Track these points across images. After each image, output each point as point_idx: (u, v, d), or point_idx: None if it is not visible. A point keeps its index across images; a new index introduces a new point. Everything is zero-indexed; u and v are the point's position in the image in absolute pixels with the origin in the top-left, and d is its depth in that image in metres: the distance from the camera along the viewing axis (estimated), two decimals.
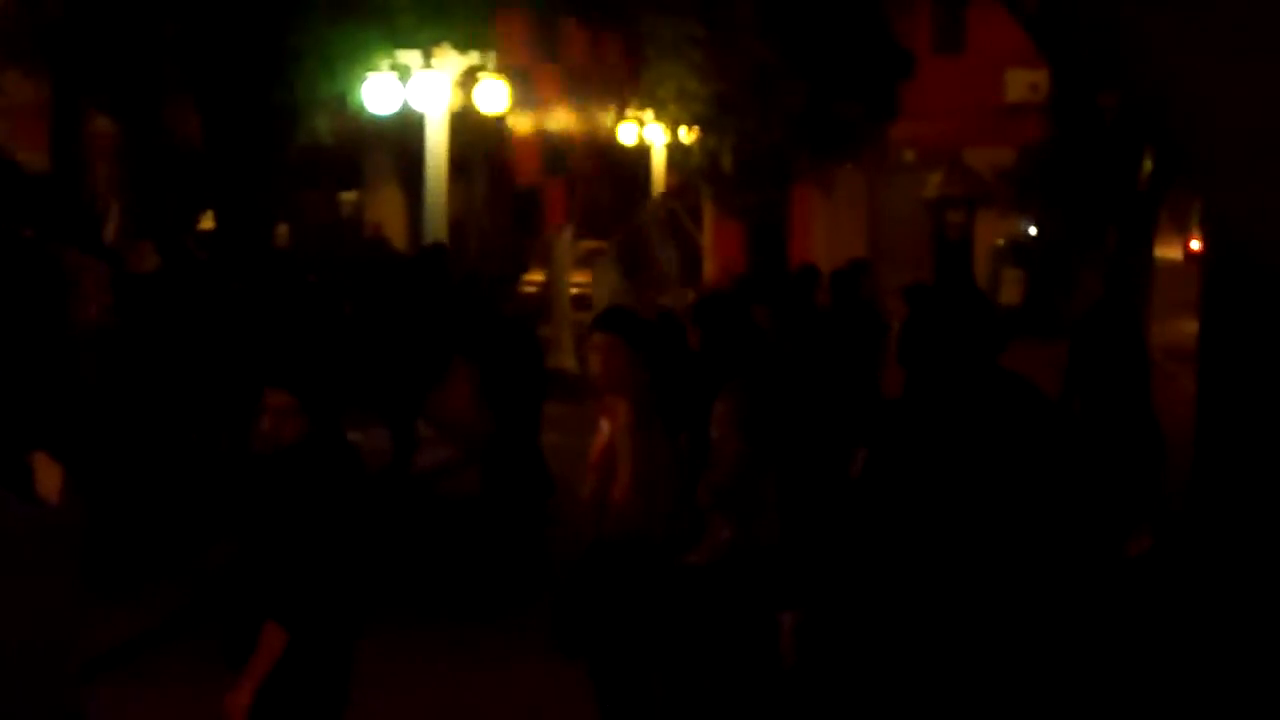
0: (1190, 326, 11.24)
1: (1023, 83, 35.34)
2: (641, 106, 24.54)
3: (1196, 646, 7.75)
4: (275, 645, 6.12)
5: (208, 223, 20.05)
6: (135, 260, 13.24)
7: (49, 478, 5.49)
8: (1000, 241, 36.19)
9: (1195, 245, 33.62)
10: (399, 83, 18.37)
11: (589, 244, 29.26)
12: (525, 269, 27.12)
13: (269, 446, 6.32)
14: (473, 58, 18.66)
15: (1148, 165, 25.07)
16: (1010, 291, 33.15)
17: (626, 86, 22.85)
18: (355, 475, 6.39)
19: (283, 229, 21.24)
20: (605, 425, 7.29)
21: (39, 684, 5.50)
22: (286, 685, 6.14)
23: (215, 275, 14.24)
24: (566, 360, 22.73)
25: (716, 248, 33.32)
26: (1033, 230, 33.95)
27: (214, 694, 6.17)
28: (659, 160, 27.74)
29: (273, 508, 6.21)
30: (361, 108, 18.75)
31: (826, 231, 36.89)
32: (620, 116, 24.33)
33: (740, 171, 27.52)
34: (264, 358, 6.66)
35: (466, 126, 20.08)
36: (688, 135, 26.57)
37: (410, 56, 18.38)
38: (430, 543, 13.17)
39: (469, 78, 18.79)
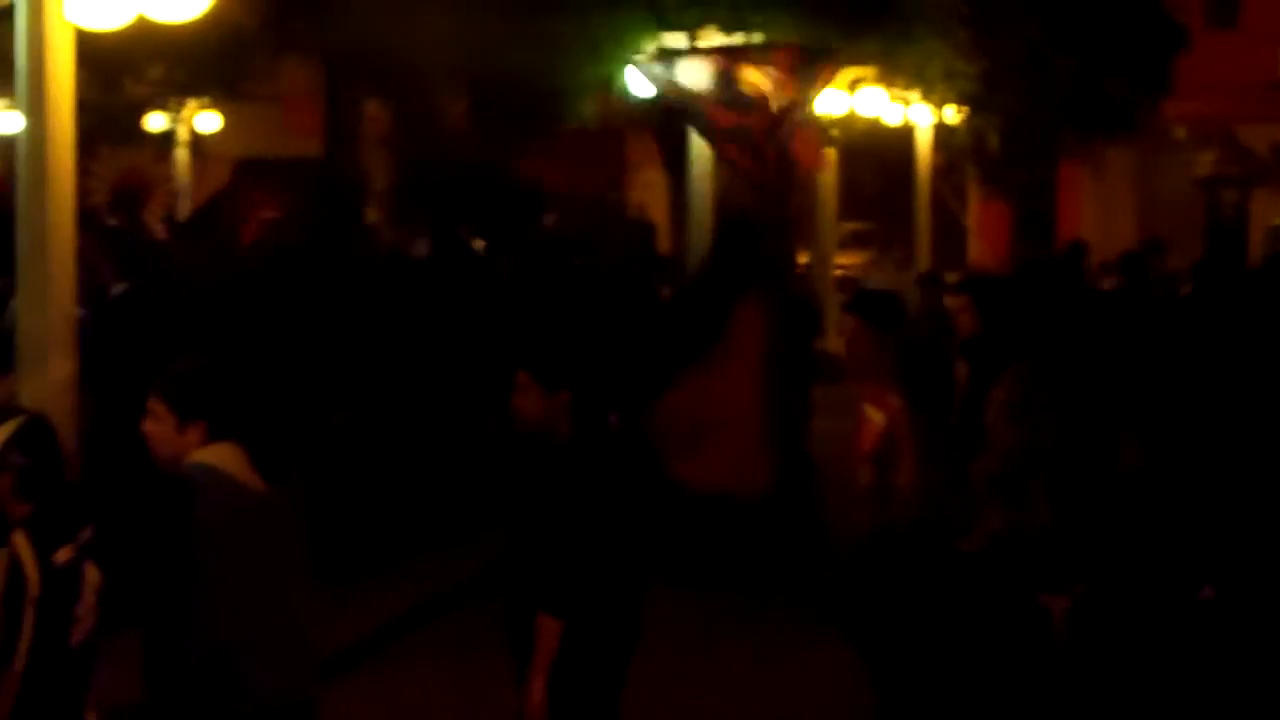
0: None
1: None
2: (907, 87, 24.31)
3: None
4: (552, 636, 6.17)
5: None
6: (406, 246, 13.45)
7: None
8: (1277, 222, 35.22)
9: None
10: (664, 66, 18.39)
11: (852, 225, 29.13)
12: (793, 250, 27.05)
13: (536, 432, 6.35)
14: (737, 39, 18.61)
15: None
16: None
17: (892, 67, 22.65)
18: (627, 463, 6.40)
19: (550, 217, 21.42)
20: (874, 413, 7.23)
21: (280, 661, 5.59)
22: (570, 672, 6.18)
23: (486, 261, 14.41)
24: (830, 343, 22.63)
25: (982, 229, 32.92)
26: None
27: (454, 686, 6.23)
28: (924, 141, 27.49)
29: (544, 496, 6.25)
30: (626, 91, 18.82)
31: (1095, 211, 36.22)
32: (885, 97, 24.13)
33: (1007, 151, 27.12)
34: (527, 342, 6.71)
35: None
36: (955, 115, 26.27)
37: (675, 39, 18.39)
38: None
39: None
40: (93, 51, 8.30)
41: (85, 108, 8.55)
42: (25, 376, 8.22)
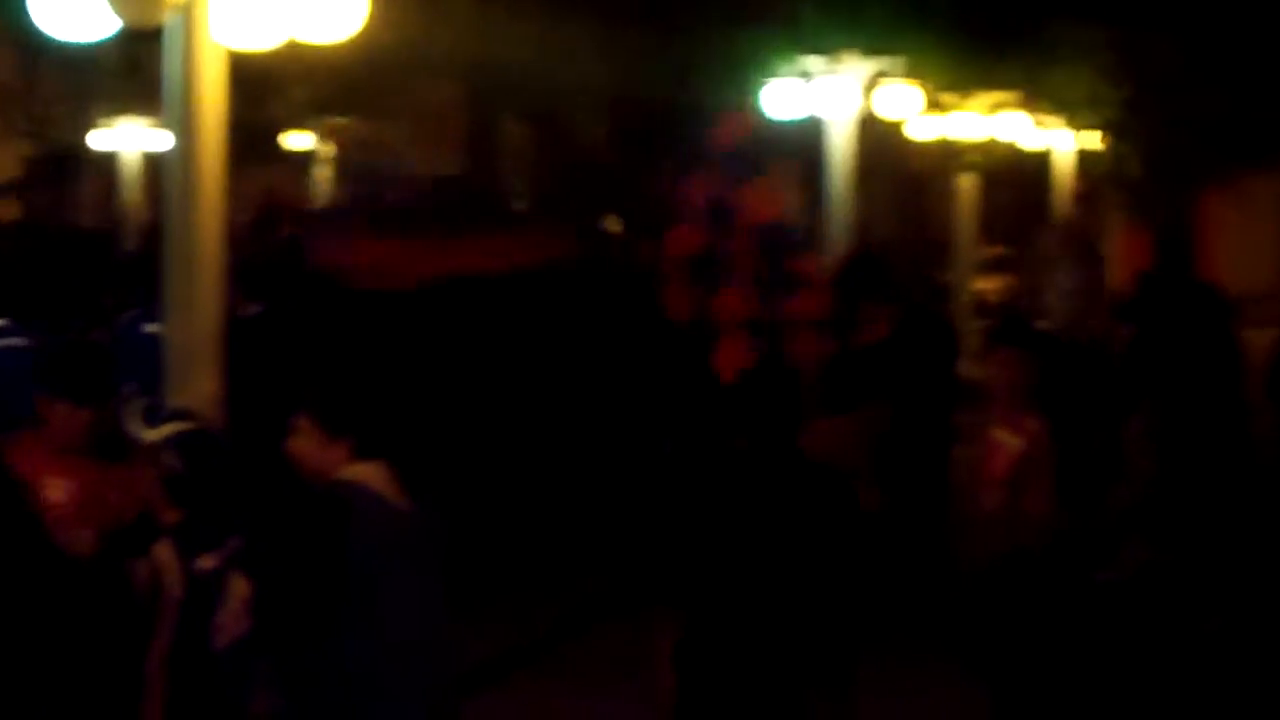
0: None
1: None
2: (1049, 111, 24.16)
3: None
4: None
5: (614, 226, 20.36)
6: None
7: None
8: None
9: None
10: (804, 88, 18.39)
11: (991, 249, 28.91)
12: (930, 268, 26.92)
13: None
14: (881, 63, 18.58)
15: None
16: None
17: (1034, 91, 22.52)
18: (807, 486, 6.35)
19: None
20: (1007, 437, 7.19)
21: (420, 683, 5.62)
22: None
23: (627, 278, 14.43)
24: (967, 367, 22.48)
25: (1122, 256, 32.58)
26: None
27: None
28: (1065, 166, 27.28)
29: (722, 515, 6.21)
30: (765, 113, 18.84)
31: (1237, 242, 35.72)
32: (1027, 121, 24.00)
33: (1148, 178, 26.87)
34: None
35: (870, 131, 19.99)
36: (1097, 141, 26.07)
37: (815, 62, 18.38)
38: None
39: (874, 82, 18.71)
40: (238, 71, 8.41)
41: (229, 126, 8.69)
42: (172, 392, 8.33)
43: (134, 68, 18.45)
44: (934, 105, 20.45)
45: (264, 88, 18.78)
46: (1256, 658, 6.57)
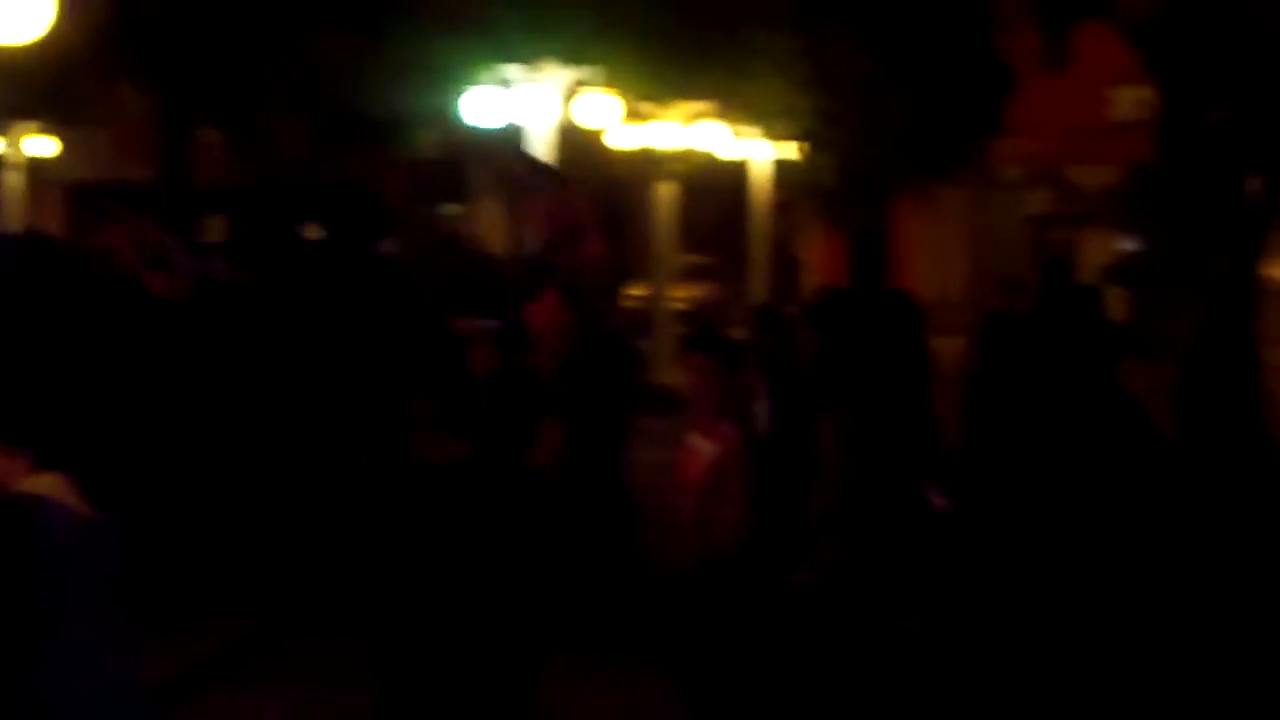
0: None
1: (1129, 100, 35.05)
2: (747, 121, 24.52)
3: None
4: None
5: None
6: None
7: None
8: (1105, 261, 35.87)
9: None
10: (502, 96, 18.40)
11: (691, 258, 29.26)
12: (627, 282, 27.13)
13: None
14: (580, 71, 18.68)
15: (1257, 185, 24.75)
16: (1115, 312, 32.81)
17: (732, 102, 22.83)
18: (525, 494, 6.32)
19: (391, 243, 21.33)
20: (703, 444, 7.25)
21: (112, 706, 5.48)
22: None
23: (315, 289, 14.28)
24: (668, 375, 22.70)
25: (818, 264, 33.21)
26: (1138, 250, 33.61)
27: None
28: (762, 176, 27.71)
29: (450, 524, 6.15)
30: (464, 120, 18.81)
31: (928, 248, 36.68)
32: (725, 132, 24.32)
33: (843, 187, 27.42)
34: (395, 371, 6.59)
35: (569, 140, 20.09)
36: (793, 151, 26.53)
37: (514, 70, 18.41)
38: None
39: (574, 91, 18.81)
40: None
41: None
42: None
43: None
44: (633, 114, 20.61)
45: None
46: (949, 657, 6.71)
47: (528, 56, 18.32)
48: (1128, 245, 35.09)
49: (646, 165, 24.36)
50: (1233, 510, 10.26)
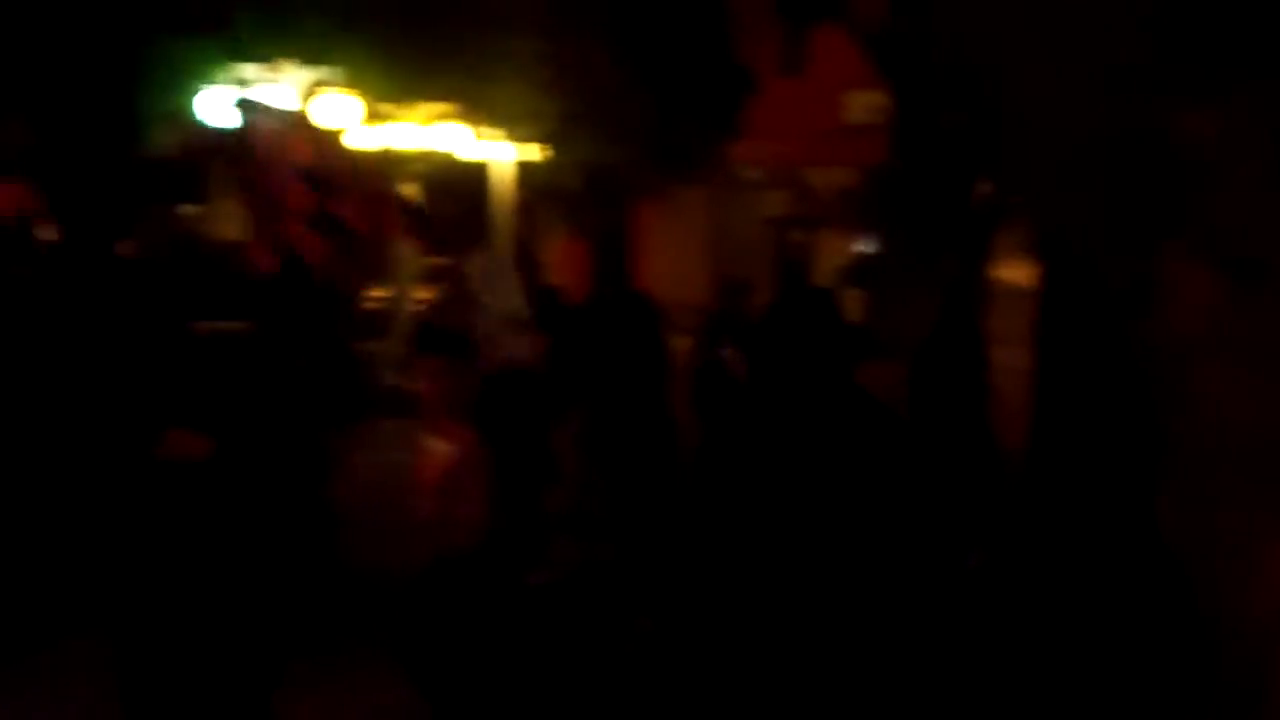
0: None
1: (863, 104, 35.74)
2: (489, 122, 24.52)
3: (1027, 650, 7.90)
4: None
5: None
6: None
7: None
8: (841, 262, 36.53)
9: None
10: (240, 96, 18.20)
11: (433, 260, 29.16)
12: (369, 284, 27.02)
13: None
14: (319, 71, 18.54)
15: (986, 187, 25.40)
16: (851, 312, 33.43)
17: (473, 103, 22.82)
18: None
19: (130, 244, 20.95)
20: (440, 446, 7.28)
21: None
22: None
23: (54, 286, 14.04)
24: (407, 377, 22.62)
25: (562, 267, 33.32)
26: (873, 251, 34.29)
27: None
28: (505, 178, 27.74)
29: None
30: (200, 121, 18.55)
31: (671, 250, 37.01)
32: (466, 133, 24.30)
33: (586, 190, 27.58)
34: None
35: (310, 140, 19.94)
36: (535, 152, 26.60)
37: (252, 69, 18.21)
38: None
39: (313, 91, 18.66)
40: None
41: None
42: None
43: None
44: (374, 115, 20.50)
45: None
46: (686, 656, 6.81)
47: (265, 56, 18.15)
48: (863, 247, 35.84)
49: (388, 166, 24.26)
50: (955, 505, 10.52)
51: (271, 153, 19.98)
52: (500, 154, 26.76)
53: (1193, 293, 6.50)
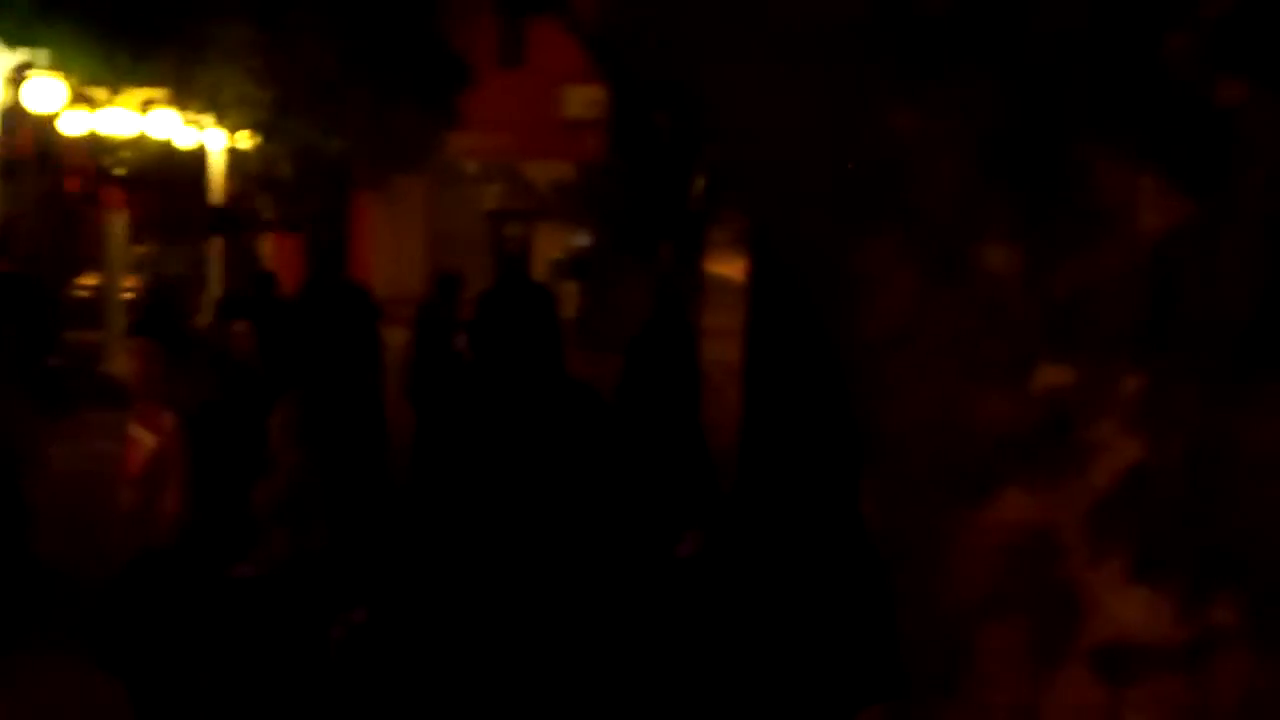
0: None
1: (581, 99, 35.93)
2: (201, 110, 24.15)
3: (743, 636, 8.04)
4: None
5: None
6: None
7: None
8: (558, 255, 36.71)
9: None
10: None
11: (143, 248, 28.67)
12: (78, 273, 26.45)
13: None
14: (25, 54, 18.08)
15: (700, 184, 25.76)
16: (567, 305, 33.64)
17: (185, 90, 22.46)
18: None
19: None
20: (145, 435, 7.18)
21: None
22: None
23: None
24: (118, 365, 22.18)
25: (275, 256, 32.95)
26: (589, 244, 34.53)
27: None
28: (217, 166, 27.35)
29: None
30: None
31: (387, 241, 36.84)
32: (178, 120, 23.91)
33: (299, 180, 27.31)
34: None
35: (17, 125, 19.45)
36: (247, 141, 26.26)
37: None
38: None
39: (19, 75, 18.20)
40: None
41: None
42: None
43: None
44: (82, 100, 20.05)
45: None
46: (396, 650, 6.80)
47: None
48: (579, 240, 36.06)
49: (97, 153, 23.75)
50: (665, 494, 10.67)
51: None
52: (213, 142, 26.38)
53: (894, 287, 6.67)
